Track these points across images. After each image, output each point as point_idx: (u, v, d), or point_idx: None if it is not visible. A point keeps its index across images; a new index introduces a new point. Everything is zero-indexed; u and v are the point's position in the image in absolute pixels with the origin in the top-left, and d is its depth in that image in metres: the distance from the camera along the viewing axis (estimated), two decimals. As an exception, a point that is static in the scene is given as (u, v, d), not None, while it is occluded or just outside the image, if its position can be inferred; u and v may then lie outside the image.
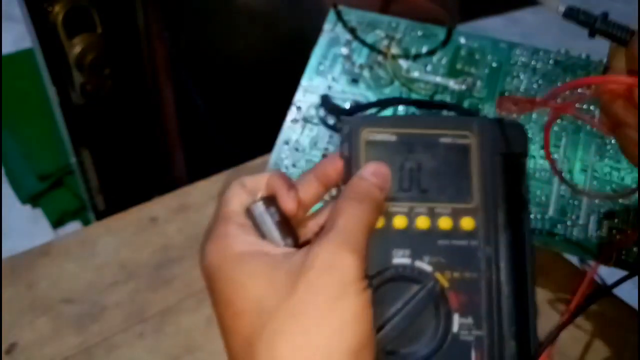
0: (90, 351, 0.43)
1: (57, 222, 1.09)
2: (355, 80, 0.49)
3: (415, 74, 0.49)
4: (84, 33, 0.57)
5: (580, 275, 0.41)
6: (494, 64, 0.49)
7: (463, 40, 0.50)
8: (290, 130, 0.48)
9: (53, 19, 0.54)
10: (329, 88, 0.48)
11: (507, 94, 0.48)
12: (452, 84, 0.48)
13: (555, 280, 0.45)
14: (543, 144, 0.46)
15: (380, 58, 0.49)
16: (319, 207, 0.31)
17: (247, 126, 0.68)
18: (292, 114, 0.48)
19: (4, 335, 0.43)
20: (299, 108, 0.48)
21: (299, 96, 0.48)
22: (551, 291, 0.45)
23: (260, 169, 0.54)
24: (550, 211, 0.44)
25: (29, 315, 0.44)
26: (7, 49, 1.26)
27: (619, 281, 0.35)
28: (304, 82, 0.49)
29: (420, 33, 0.50)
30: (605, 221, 0.44)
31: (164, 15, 0.62)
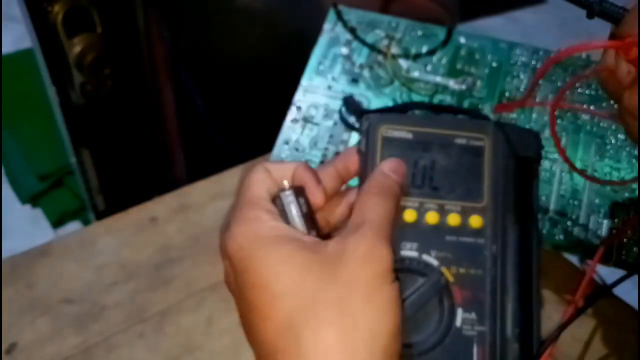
0: (90, 351, 0.43)
1: (57, 222, 1.09)
2: (355, 80, 0.49)
3: (415, 74, 0.49)
4: (84, 33, 0.57)
5: (581, 275, 0.41)
6: (494, 64, 0.49)
7: (463, 40, 0.50)
8: (290, 130, 0.48)
9: (53, 19, 0.54)
10: (329, 88, 0.48)
11: (507, 94, 0.48)
12: (452, 83, 0.48)
13: (555, 280, 0.45)
14: (543, 143, 0.46)
15: (380, 58, 0.50)
16: None
17: (247, 126, 0.68)
18: (292, 114, 0.48)
19: (4, 335, 0.43)
20: (299, 108, 0.48)
21: (299, 96, 0.48)
22: (551, 291, 0.45)
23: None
24: (550, 211, 0.44)
25: (29, 315, 0.44)
26: (7, 49, 1.25)
27: (619, 280, 0.35)
28: (304, 82, 0.49)
29: (420, 33, 0.50)
30: (605, 221, 0.44)
31: (164, 15, 0.62)
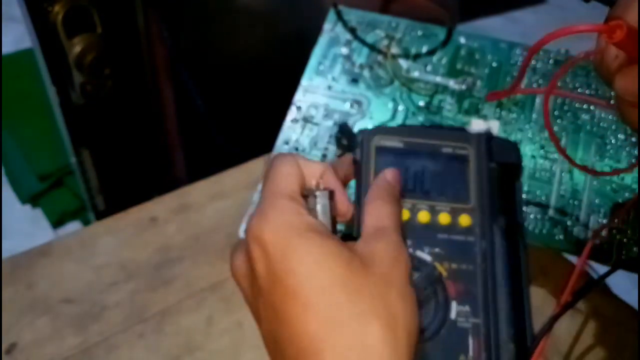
0: (90, 351, 0.43)
1: (57, 222, 1.09)
2: (355, 80, 0.49)
3: (415, 74, 0.49)
4: (84, 33, 0.57)
5: (582, 275, 0.41)
6: (494, 64, 0.49)
7: (463, 40, 0.50)
8: (290, 130, 0.48)
9: (53, 19, 0.54)
10: (329, 88, 0.48)
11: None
12: (452, 84, 0.48)
13: (555, 280, 0.45)
14: (543, 143, 0.46)
15: (380, 58, 0.50)
16: None
17: (247, 126, 0.68)
18: (292, 114, 0.48)
19: (4, 335, 0.43)
20: (299, 108, 0.48)
21: (299, 96, 0.48)
22: (551, 291, 0.45)
23: (260, 169, 0.54)
24: (550, 211, 0.44)
25: (29, 315, 0.44)
26: (7, 49, 1.25)
27: (609, 272, 0.36)
28: (304, 82, 0.49)
29: (420, 33, 0.50)
30: (605, 221, 0.44)
31: (164, 15, 0.62)
